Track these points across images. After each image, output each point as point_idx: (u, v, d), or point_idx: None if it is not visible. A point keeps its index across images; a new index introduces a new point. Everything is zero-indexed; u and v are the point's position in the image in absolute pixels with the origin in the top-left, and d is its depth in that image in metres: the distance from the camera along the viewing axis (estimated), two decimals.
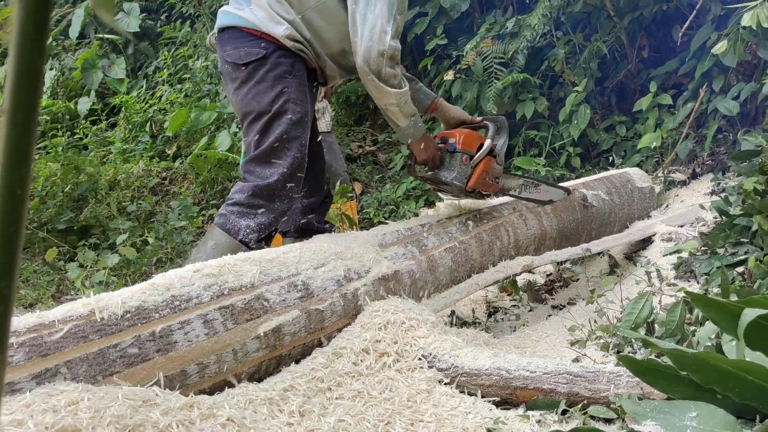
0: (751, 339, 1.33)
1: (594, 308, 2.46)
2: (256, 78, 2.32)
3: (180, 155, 6.44)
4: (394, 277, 2.18)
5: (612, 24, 4.78)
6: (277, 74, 2.31)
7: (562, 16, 4.92)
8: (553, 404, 1.68)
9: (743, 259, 2.56)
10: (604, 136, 4.78)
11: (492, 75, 4.87)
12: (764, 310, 1.30)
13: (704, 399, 1.40)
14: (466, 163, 2.52)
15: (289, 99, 2.32)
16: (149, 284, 1.62)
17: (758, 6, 3.00)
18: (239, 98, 2.36)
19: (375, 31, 2.26)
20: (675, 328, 1.97)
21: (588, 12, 4.93)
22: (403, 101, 2.36)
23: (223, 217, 2.28)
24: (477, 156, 2.54)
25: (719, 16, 4.16)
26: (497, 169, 2.60)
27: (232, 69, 2.35)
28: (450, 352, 1.88)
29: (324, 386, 1.72)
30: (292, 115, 2.32)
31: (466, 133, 2.56)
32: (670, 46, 4.63)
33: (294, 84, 2.34)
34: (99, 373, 1.41)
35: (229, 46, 2.36)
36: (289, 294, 1.85)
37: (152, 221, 4.91)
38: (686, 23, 4.19)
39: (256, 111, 2.33)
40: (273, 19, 2.32)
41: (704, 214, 3.46)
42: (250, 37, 2.33)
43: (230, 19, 2.37)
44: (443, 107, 2.69)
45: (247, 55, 2.31)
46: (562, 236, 2.99)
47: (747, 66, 4.10)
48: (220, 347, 1.65)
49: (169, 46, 7.65)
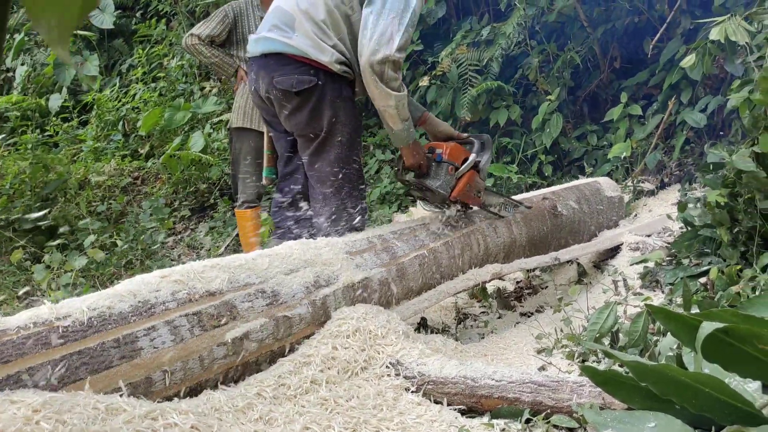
0: (708, 352, 1.36)
1: (561, 317, 2.50)
2: (309, 105, 2.49)
3: (153, 155, 6.38)
4: (363, 284, 2.19)
5: (585, 34, 4.85)
6: (328, 100, 2.49)
7: (537, 26, 4.98)
8: (517, 413, 1.70)
9: (706, 269, 2.62)
10: (576, 145, 4.85)
11: (467, 82, 4.91)
12: (721, 324, 1.33)
13: (663, 409, 1.44)
14: (451, 174, 2.62)
15: (338, 121, 2.52)
16: (115, 290, 1.61)
17: (726, 21, 3.07)
18: (293, 123, 2.56)
19: (384, 37, 2.38)
20: (638, 338, 2.01)
21: (562, 22, 5.00)
22: (401, 104, 2.47)
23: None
24: (462, 168, 2.64)
25: (689, 30, 4.24)
26: (480, 184, 2.72)
27: (283, 96, 2.51)
28: (417, 360, 1.90)
29: (291, 393, 1.72)
30: (341, 137, 2.53)
31: (453, 146, 2.66)
32: (641, 58, 4.71)
33: (342, 106, 2.53)
34: (62, 381, 1.40)
35: (278, 73, 2.50)
36: (258, 301, 1.85)
37: (123, 221, 4.86)
38: (657, 36, 4.27)
39: (310, 134, 2.54)
40: (319, 46, 2.46)
41: (671, 224, 3.53)
42: (298, 64, 2.47)
43: (276, 46, 2.50)
44: (432, 121, 2.83)
45: (299, 83, 2.46)
46: (532, 244, 3.03)
47: (714, 79, 4.19)
48: (187, 354, 1.64)
49: (143, 44, 7.58)
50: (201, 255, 4.70)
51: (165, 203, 5.00)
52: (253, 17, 4.08)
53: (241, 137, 4.07)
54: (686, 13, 4.28)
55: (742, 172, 2.38)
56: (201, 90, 6.64)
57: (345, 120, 2.54)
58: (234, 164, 4.17)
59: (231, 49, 4.12)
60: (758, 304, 1.86)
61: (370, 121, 5.95)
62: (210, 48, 4.03)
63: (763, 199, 2.37)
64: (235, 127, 4.10)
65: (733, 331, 1.33)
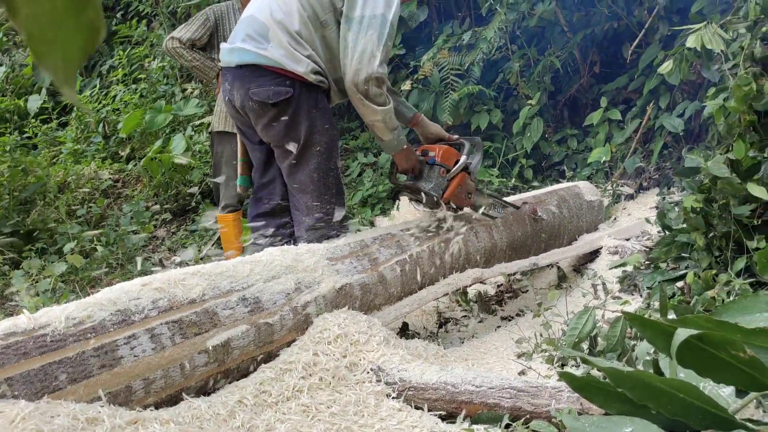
0: (683, 358, 1.39)
1: (541, 321, 2.52)
2: (286, 116, 2.50)
3: (134, 157, 6.33)
4: (344, 290, 2.20)
5: (565, 39, 4.90)
6: (304, 110, 2.52)
7: (518, 30, 5.02)
8: (497, 418, 1.72)
9: (684, 273, 2.66)
10: (556, 149, 4.89)
11: (448, 86, 4.94)
12: (695, 331, 1.36)
13: (639, 414, 1.46)
14: (443, 176, 2.70)
15: (316, 131, 2.54)
16: (95, 299, 1.61)
17: (702, 29, 3.11)
18: (271, 134, 2.57)
19: (365, 56, 2.43)
20: (616, 343, 2.04)
21: (542, 27, 5.04)
22: (388, 117, 2.53)
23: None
24: (453, 170, 2.72)
25: (666, 36, 4.30)
26: (470, 185, 2.79)
27: (260, 107, 2.51)
28: (398, 366, 1.91)
29: (272, 401, 1.73)
30: (320, 146, 2.56)
31: (445, 149, 2.74)
32: (620, 63, 4.77)
33: (319, 116, 2.55)
34: (41, 390, 1.39)
35: (254, 84, 2.50)
36: (239, 307, 1.86)
37: (103, 225, 4.82)
38: (635, 41, 4.32)
39: (287, 145, 2.55)
40: (294, 57, 2.47)
41: (649, 228, 3.57)
42: (274, 75, 2.48)
43: (251, 57, 2.50)
44: (424, 123, 2.90)
45: (275, 94, 2.47)
46: (512, 249, 3.05)
47: (692, 85, 4.25)
48: (167, 362, 1.64)
49: (124, 45, 7.52)
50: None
51: (146, 207, 4.97)
52: (234, 21, 4.07)
53: (223, 141, 4.06)
54: (664, 19, 4.34)
55: (717, 178, 2.42)
56: (182, 92, 6.60)
57: (322, 129, 2.56)
58: (215, 168, 4.16)
59: (212, 52, 4.10)
60: (732, 309, 1.89)
61: (352, 124, 5.96)
62: (191, 51, 4.01)
63: (737, 204, 2.41)
64: (217, 131, 4.09)
65: (707, 338, 1.36)
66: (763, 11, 2.45)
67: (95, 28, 0.39)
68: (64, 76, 0.40)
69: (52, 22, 0.37)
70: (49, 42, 0.38)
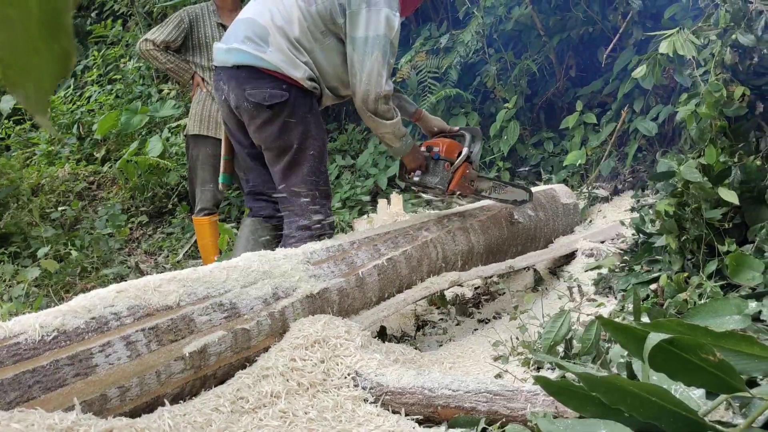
0: (655, 361, 1.41)
1: (517, 324, 2.55)
2: (280, 119, 2.57)
3: (109, 159, 6.27)
4: (322, 295, 2.20)
5: (541, 43, 4.94)
6: (298, 114, 2.59)
7: (495, 34, 5.06)
8: (473, 422, 1.73)
9: (657, 276, 2.70)
10: (533, 152, 4.93)
11: (426, 89, 4.96)
12: (667, 335, 1.39)
13: (612, 417, 1.48)
14: (447, 169, 2.84)
15: (309, 136, 2.62)
16: (69, 306, 1.59)
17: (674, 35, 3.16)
18: (264, 136, 2.62)
19: (372, 76, 2.53)
20: (591, 346, 2.07)
21: (519, 30, 5.08)
22: (396, 128, 2.65)
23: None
24: (456, 162, 2.86)
25: (640, 41, 4.36)
26: (473, 174, 2.94)
27: (255, 108, 2.57)
28: (376, 370, 1.91)
29: (249, 407, 1.72)
30: (313, 150, 2.64)
31: (448, 143, 2.89)
32: (595, 67, 4.82)
33: (312, 121, 2.63)
34: (15, 400, 1.38)
35: (250, 86, 2.55)
36: (216, 313, 1.85)
37: (77, 228, 4.77)
38: (610, 46, 4.37)
39: (281, 148, 2.61)
40: (292, 62, 2.54)
41: (624, 230, 3.62)
42: (270, 78, 2.54)
43: (249, 59, 2.55)
44: (425, 117, 3.04)
45: (271, 97, 2.53)
46: (489, 252, 3.08)
47: (665, 89, 4.32)
48: (143, 369, 1.63)
49: (99, 45, 7.44)
50: (159, 262, 4.64)
51: (122, 209, 4.92)
52: (210, 23, 4.05)
53: (198, 144, 4.04)
54: (638, 24, 4.40)
55: (690, 182, 2.46)
56: (159, 93, 6.55)
57: (315, 134, 2.64)
58: (191, 171, 4.14)
59: (187, 54, 4.07)
60: (703, 312, 1.93)
61: (329, 125, 5.95)
62: (165, 54, 3.98)
63: (709, 208, 2.45)
64: (192, 134, 4.07)
65: (679, 342, 1.38)
66: (733, 19, 2.49)
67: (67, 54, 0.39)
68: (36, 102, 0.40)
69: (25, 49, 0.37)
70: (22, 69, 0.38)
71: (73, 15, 1.60)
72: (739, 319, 1.85)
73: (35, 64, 0.38)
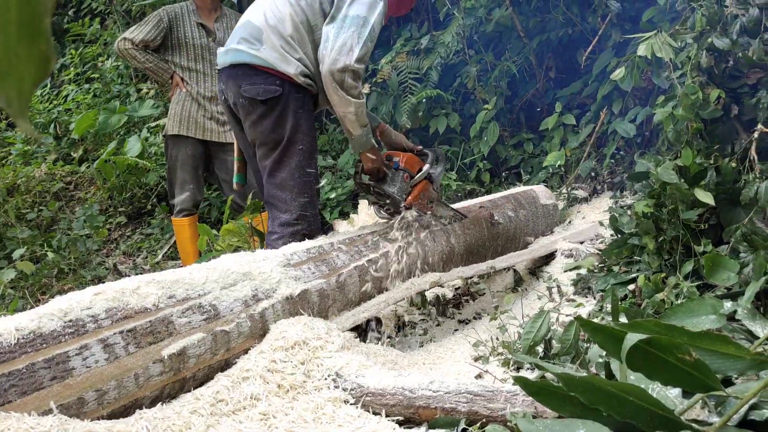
0: (633, 361, 1.43)
1: (497, 324, 2.56)
2: (274, 113, 2.64)
3: (87, 159, 6.19)
4: (302, 296, 2.19)
5: (521, 45, 4.97)
6: (291, 109, 2.64)
7: (475, 35, 5.08)
8: (453, 423, 1.73)
9: (635, 276, 2.73)
10: (513, 153, 4.96)
11: (407, 89, 4.96)
12: (644, 335, 1.40)
13: (591, 417, 1.50)
14: (406, 181, 2.78)
15: (300, 131, 2.67)
16: (46, 309, 1.57)
17: (652, 37, 3.20)
18: (258, 131, 2.69)
19: (345, 48, 2.55)
20: (570, 346, 2.08)
21: (499, 32, 5.11)
22: (360, 111, 2.64)
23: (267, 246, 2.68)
24: (417, 177, 2.80)
25: (619, 43, 4.40)
26: (432, 194, 2.87)
27: (250, 104, 2.65)
28: (356, 372, 1.91)
29: (228, 410, 1.72)
30: (302, 145, 2.68)
31: (409, 156, 2.83)
32: (575, 69, 4.86)
33: (304, 117, 2.69)
34: None
35: (245, 82, 2.64)
36: (195, 315, 1.84)
37: (54, 229, 4.71)
38: (589, 48, 4.41)
39: (274, 142, 2.67)
40: (285, 59, 2.62)
41: (603, 231, 3.65)
42: (265, 75, 2.63)
43: (244, 57, 2.65)
44: (387, 132, 3.02)
45: (265, 92, 2.62)
46: (470, 253, 3.09)
47: (643, 91, 4.36)
48: (121, 372, 1.62)
49: (76, 43, 7.35)
50: (137, 263, 4.60)
51: (99, 210, 4.86)
52: (189, 22, 4.02)
53: (177, 144, 4.01)
54: (616, 26, 4.44)
55: (667, 183, 2.49)
56: (138, 92, 6.49)
57: (306, 130, 2.69)
58: (170, 172, 4.10)
59: (166, 54, 4.04)
60: (679, 312, 1.96)
61: None
62: (144, 53, 3.94)
63: (685, 209, 2.48)
64: (171, 135, 4.04)
65: (656, 342, 1.40)
66: (709, 23, 2.53)
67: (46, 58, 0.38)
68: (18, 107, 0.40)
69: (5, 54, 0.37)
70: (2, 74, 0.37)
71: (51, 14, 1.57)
72: (715, 318, 1.87)
73: (15, 69, 0.38)
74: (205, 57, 4.02)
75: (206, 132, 4.02)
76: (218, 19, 4.09)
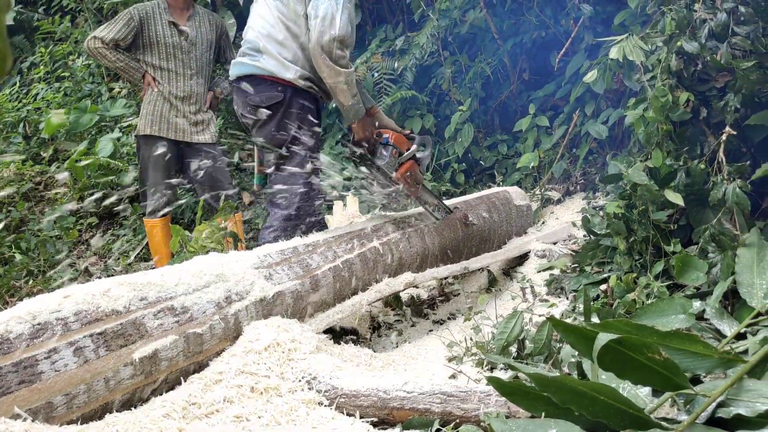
0: (604, 361, 1.45)
1: (472, 324, 2.57)
2: (276, 117, 2.81)
3: (57, 159, 6.09)
4: (276, 298, 2.18)
5: (495, 47, 5.01)
6: (293, 111, 2.81)
7: (449, 37, 5.10)
8: (427, 424, 1.74)
9: (607, 277, 2.76)
10: (487, 154, 4.99)
11: (382, 90, 4.97)
12: (615, 335, 1.42)
13: (563, 417, 1.51)
14: (395, 156, 2.88)
15: (302, 131, 2.81)
16: (13, 312, 1.54)
17: (624, 40, 3.23)
18: (264, 134, 2.87)
19: (327, 19, 2.65)
20: (543, 346, 2.10)
21: (473, 34, 5.14)
22: (350, 80, 2.74)
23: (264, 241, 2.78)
24: (405, 154, 2.91)
25: (591, 46, 4.45)
26: (419, 176, 2.97)
27: (255, 111, 2.84)
28: (330, 373, 1.91)
29: (201, 413, 1.70)
30: (305, 144, 2.82)
31: (398, 134, 2.95)
32: (548, 71, 4.90)
33: (306, 118, 2.84)
34: None
35: (250, 92, 2.83)
36: (167, 318, 1.82)
37: (23, 230, 4.62)
38: (562, 50, 4.45)
39: (278, 143, 2.83)
40: (283, 65, 2.80)
41: (576, 231, 3.69)
42: (267, 82, 2.82)
43: (247, 69, 2.86)
44: (380, 115, 3.15)
45: (267, 98, 2.81)
46: (444, 253, 3.10)
47: (615, 93, 4.42)
48: (91, 375, 1.59)
49: (46, 41, 7.22)
50: (109, 265, 4.54)
51: (70, 211, 4.79)
52: (161, 21, 3.97)
53: (149, 145, 3.96)
54: (589, 29, 4.49)
55: (637, 185, 2.52)
56: (109, 91, 6.40)
57: (309, 129, 2.84)
58: (142, 172, 4.05)
59: (137, 53, 3.99)
60: (650, 312, 1.98)
61: None
62: (114, 52, 3.89)
63: (655, 210, 2.52)
64: (143, 135, 3.99)
65: (626, 342, 1.42)
66: (678, 26, 2.57)
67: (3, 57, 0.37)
68: None
69: None
70: None
71: (19, 10, 1.54)
72: (684, 318, 1.90)
73: None
74: (176, 56, 3.97)
75: (178, 132, 3.98)
76: (190, 18, 4.05)
